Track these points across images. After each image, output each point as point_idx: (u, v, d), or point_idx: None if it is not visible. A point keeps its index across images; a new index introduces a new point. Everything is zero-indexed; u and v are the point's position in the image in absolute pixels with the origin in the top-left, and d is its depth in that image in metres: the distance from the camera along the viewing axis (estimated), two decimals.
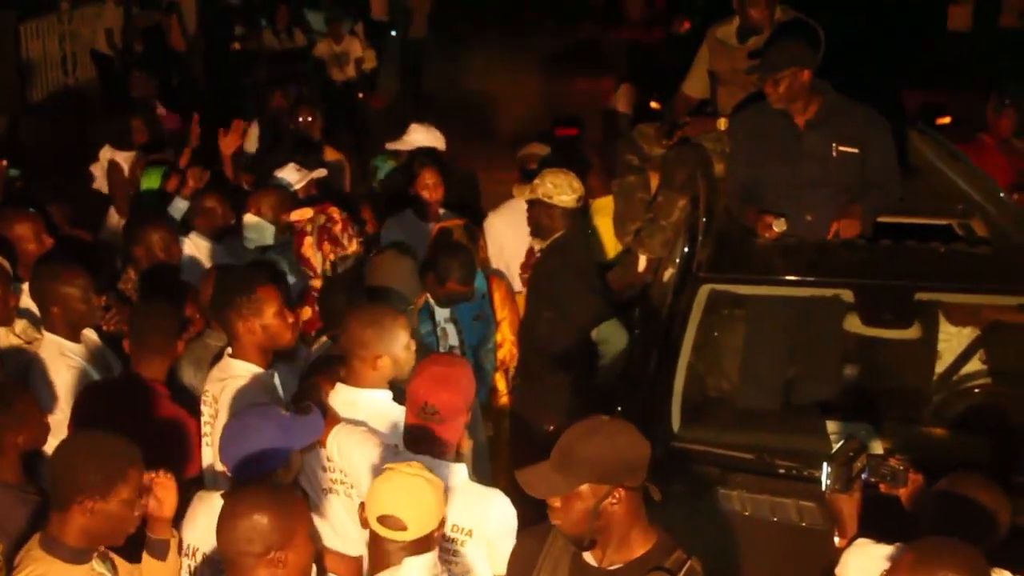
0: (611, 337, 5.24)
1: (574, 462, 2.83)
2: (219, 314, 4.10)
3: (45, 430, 3.68)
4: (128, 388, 4.02)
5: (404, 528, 2.98)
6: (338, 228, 4.90)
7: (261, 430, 3.30)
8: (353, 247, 4.88)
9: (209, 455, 3.92)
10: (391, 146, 6.92)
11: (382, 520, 2.99)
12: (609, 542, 2.90)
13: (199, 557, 3.40)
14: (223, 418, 3.75)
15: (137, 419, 3.85)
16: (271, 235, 5.46)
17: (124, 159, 6.97)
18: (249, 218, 5.47)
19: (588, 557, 2.95)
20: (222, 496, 3.21)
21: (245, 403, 3.75)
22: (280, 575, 2.82)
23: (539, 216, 5.37)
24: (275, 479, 3.25)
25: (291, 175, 6.11)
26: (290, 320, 4.06)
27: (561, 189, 5.33)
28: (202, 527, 3.36)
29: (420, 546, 3.00)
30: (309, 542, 2.89)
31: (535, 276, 5.45)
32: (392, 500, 3.00)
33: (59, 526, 3.06)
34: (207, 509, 3.36)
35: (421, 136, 6.71)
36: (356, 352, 3.81)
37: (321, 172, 6.31)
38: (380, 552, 3.02)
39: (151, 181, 6.48)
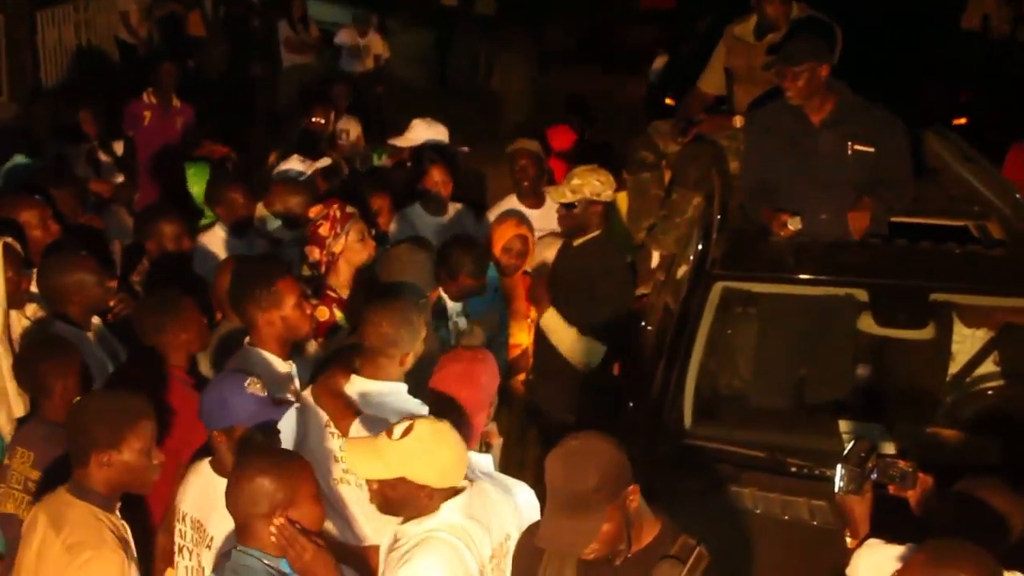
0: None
1: (588, 499, 2.79)
2: (238, 305, 4.13)
3: (88, 376, 3.94)
4: (153, 378, 4.05)
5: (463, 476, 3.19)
6: (325, 228, 4.87)
7: (221, 390, 3.50)
8: (367, 250, 4.87)
9: None
10: (392, 142, 6.91)
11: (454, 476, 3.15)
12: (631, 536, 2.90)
13: (188, 522, 3.52)
14: None
15: (162, 409, 3.87)
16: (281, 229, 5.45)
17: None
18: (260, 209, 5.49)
19: None
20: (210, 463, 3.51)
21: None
22: None
23: (580, 216, 5.32)
24: (224, 440, 3.46)
25: (296, 167, 6.08)
26: (308, 312, 4.10)
27: (605, 185, 5.32)
28: (192, 494, 3.52)
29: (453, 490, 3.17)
30: (315, 501, 2.98)
31: (563, 273, 5.41)
32: (455, 458, 3.13)
33: (85, 477, 3.22)
34: (197, 476, 3.54)
35: (423, 131, 6.69)
36: (386, 351, 3.84)
37: (325, 162, 6.29)
38: (418, 505, 3.14)
39: (202, 181, 6.41)
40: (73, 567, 3.08)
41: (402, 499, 3.12)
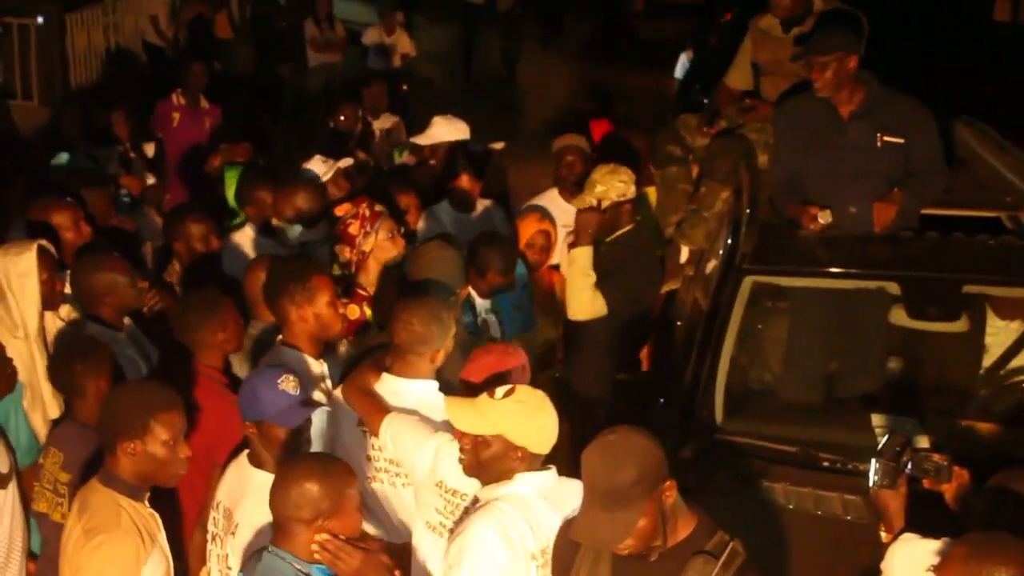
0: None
1: (625, 493, 2.79)
2: (272, 300, 4.16)
3: (120, 377, 3.98)
4: (187, 377, 4.09)
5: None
6: (355, 227, 4.86)
7: (255, 384, 3.52)
8: (397, 248, 4.88)
9: None
10: (414, 140, 6.92)
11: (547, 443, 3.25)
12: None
13: (221, 510, 3.57)
14: None
15: (196, 407, 3.91)
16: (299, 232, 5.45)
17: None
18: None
19: None
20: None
21: None
22: None
23: (610, 219, 5.32)
24: (256, 434, 3.49)
25: (317, 167, 6.08)
26: (340, 311, 4.12)
27: (628, 184, 5.32)
28: (227, 483, 3.57)
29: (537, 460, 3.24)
30: (357, 511, 3.00)
31: (596, 267, 5.39)
32: (552, 426, 3.25)
33: (113, 466, 3.28)
34: (235, 467, 3.59)
35: (444, 130, 6.68)
36: (416, 348, 3.86)
37: (347, 161, 6.30)
38: (505, 467, 3.21)
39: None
40: (87, 550, 3.15)
41: (493, 458, 3.21)
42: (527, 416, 3.20)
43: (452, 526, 3.48)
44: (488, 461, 3.22)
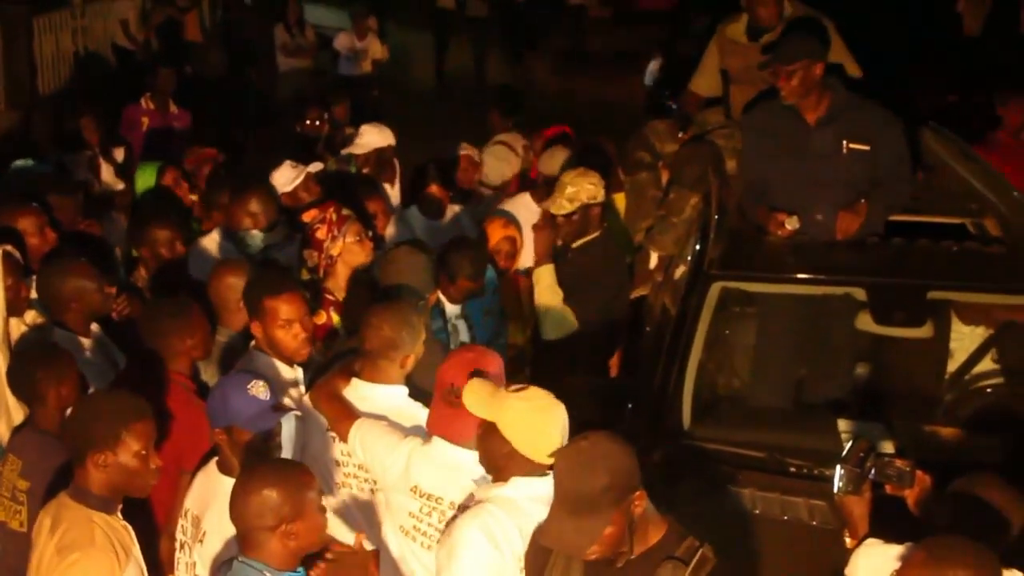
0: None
1: (593, 500, 2.79)
2: (248, 307, 4.20)
3: (86, 385, 3.94)
4: (155, 383, 4.05)
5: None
6: (322, 232, 4.85)
7: (224, 389, 3.52)
8: (365, 251, 4.87)
9: None
10: (347, 151, 6.93)
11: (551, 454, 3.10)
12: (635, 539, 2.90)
13: (189, 518, 3.55)
14: None
15: (164, 414, 3.88)
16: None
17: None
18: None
19: None
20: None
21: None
22: (292, 546, 2.94)
23: (579, 222, 5.36)
24: (226, 440, 3.47)
25: (285, 173, 6.05)
26: (300, 336, 4.10)
27: (598, 187, 5.35)
28: (196, 491, 3.56)
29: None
30: (319, 512, 2.99)
31: (562, 275, 5.40)
32: (547, 431, 3.16)
33: (83, 479, 3.22)
34: (204, 475, 3.57)
35: (373, 138, 6.71)
36: (387, 353, 3.85)
37: (317, 166, 6.29)
38: (496, 464, 3.21)
39: (146, 179, 6.44)
40: (60, 568, 3.11)
41: (488, 450, 3.22)
42: (523, 414, 3.16)
43: (427, 529, 3.49)
44: (485, 451, 3.23)
